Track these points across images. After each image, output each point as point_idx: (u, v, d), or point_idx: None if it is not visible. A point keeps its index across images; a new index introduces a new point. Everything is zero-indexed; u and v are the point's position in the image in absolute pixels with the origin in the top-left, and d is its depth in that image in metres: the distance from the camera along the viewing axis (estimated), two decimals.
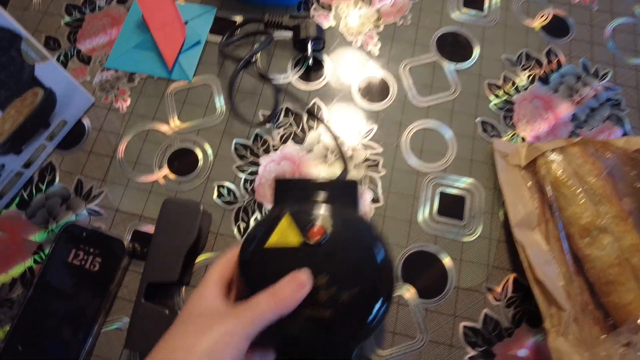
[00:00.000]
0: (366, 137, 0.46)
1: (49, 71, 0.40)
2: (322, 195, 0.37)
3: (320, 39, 0.48)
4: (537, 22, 0.52)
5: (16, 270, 0.42)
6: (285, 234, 0.32)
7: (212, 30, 0.51)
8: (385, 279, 0.32)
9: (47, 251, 0.42)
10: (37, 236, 0.43)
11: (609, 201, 0.40)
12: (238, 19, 0.52)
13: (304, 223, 0.32)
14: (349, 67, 0.50)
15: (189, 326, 0.27)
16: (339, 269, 0.31)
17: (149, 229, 0.43)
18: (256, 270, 0.31)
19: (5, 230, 0.43)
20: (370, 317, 0.31)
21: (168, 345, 0.26)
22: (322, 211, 0.33)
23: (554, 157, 0.42)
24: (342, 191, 0.38)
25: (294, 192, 0.38)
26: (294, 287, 0.29)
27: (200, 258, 0.42)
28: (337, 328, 0.31)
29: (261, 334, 0.29)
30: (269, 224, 0.33)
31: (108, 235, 0.41)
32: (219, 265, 0.31)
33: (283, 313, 0.28)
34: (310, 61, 0.48)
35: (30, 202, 0.44)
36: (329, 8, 0.53)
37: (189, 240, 0.39)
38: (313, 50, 0.48)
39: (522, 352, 0.39)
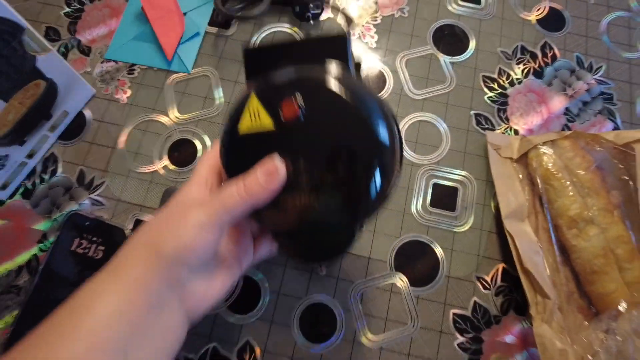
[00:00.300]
0: None
1: (51, 62, 0.41)
2: (303, 60, 0.30)
3: (320, 1, 0.48)
4: (534, 15, 0.52)
5: (22, 258, 0.43)
6: (255, 117, 0.27)
7: (211, 22, 0.51)
8: (380, 155, 0.26)
9: (51, 239, 0.43)
10: (41, 225, 0.44)
11: (596, 194, 0.41)
12: None
13: (275, 99, 0.27)
14: None
15: (166, 213, 0.27)
16: (321, 148, 0.26)
17: (150, 218, 0.44)
18: (234, 160, 0.28)
19: (11, 219, 0.44)
20: (372, 194, 0.26)
21: (143, 231, 0.27)
22: (294, 79, 0.27)
23: (545, 150, 0.43)
24: (330, 51, 0.31)
25: (269, 62, 0.31)
26: (264, 176, 0.26)
27: None
28: (328, 211, 0.27)
29: (258, 224, 0.28)
30: (238, 107, 0.28)
31: (110, 224, 0.42)
32: (207, 157, 0.30)
33: (256, 204, 0.26)
34: (311, 21, 0.48)
35: (33, 192, 0.45)
36: (327, 0, 0.53)
37: None
38: (312, 15, 0.48)
39: (509, 338, 0.41)
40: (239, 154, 0.28)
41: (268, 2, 0.48)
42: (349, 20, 0.43)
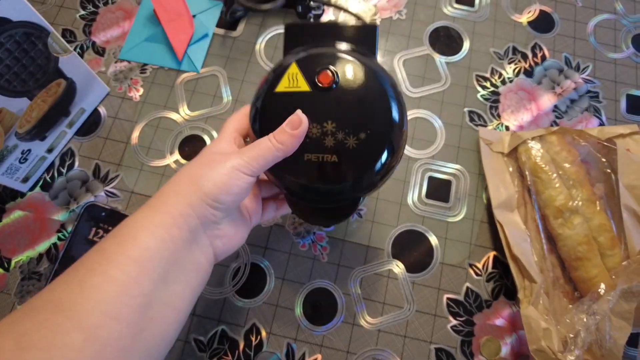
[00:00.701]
0: None
1: (71, 63, 0.44)
2: (336, 40, 0.35)
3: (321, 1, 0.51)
4: (525, 18, 0.55)
5: (42, 247, 0.46)
6: (294, 80, 0.32)
7: (219, 24, 0.54)
8: (395, 128, 0.31)
9: (69, 229, 0.46)
10: (60, 216, 0.47)
11: (581, 185, 0.44)
12: None
13: (313, 68, 0.32)
14: None
15: (202, 159, 0.30)
16: (346, 115, 0.31)
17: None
18: (265, 115, 0.32)
19: (32, 210, 0.47)
20: (377, 166, 0.31)
21: (183, 172, 0.30)
22: (333, 56, 0.32)
23: (534, 144, 0.46)
24: (359, 36, 0.35)
25: (306, 38, 0.35)
26: (290, 125, 0.30)
27: None
28: (343, 173, 0.31)
29: (274, 178, 0.33)
30: (278, 72, 0.32)
31: (125, 214, 0.45)
32: (233, 119, 0.34)
33: (285, 151, 0.30)
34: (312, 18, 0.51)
35: (52, 185, 0.48)
36: (328, 3, 0.56)
37: None
38: (314, 15, 0.51)
39: (499, 321, 0.43)
40: (272, 110, 0.32)
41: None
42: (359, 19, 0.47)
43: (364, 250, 0.45)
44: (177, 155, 0.49)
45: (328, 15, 0.55)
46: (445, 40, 0.54)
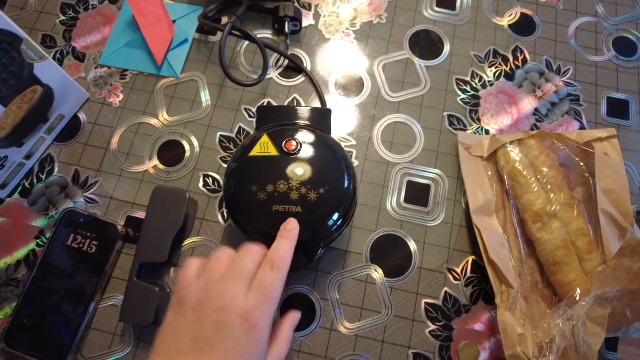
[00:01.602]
0: (341, 130, 0.50)
1: (47, 69, 0.44)
2: (299, 119, 0.44)
3: (298, 20, 0.52)
4: (505, 20, 0.55)
5: (20, 253, 0.46)
6: (264, 147, 0.39)
7: (198, 29, 0.54)
8: (346, 189, 0.39)
9: (48, 235, 0.46)
10: (38, 222, 0.47)
11: (559, 189, 0.44)
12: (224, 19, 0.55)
13: (281, 138, 0.40)
14: (326, 63, 0.53)
15: None
16: (308, 174, 0.38)
17: (141, 214, 0.47)
18: (242, 173, 0.39)
19: (10, 216, 0.47)
20: (335, 216, 0.38)
21: None
22: (296, 129, 0.41)
23: (512, 148, 0.46)
24: (317, 117, 0.44)
25: (273, 117, 0.44)
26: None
27: (188, 241, 0.46)
28: (305, 223, 0.37)
29: (240, 228, 0.39)
30: (252, 141, 0.40)
31: (103, 220, 0.45)
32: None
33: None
34: (288, 40, 0.53)
35: (31, 191, 0.48)
36: (309, 7, 0.56)
37: (177, 224, 0.43)
38: (290, 31, 0.52)
39: (478, 326, 0.43)
40: (248, 168, 0.39)
41: (244, 8, 0.51)
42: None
43: (342, 255, 0.45)
44: (155, 161, 0.49)
45: (304, 31, 0.55)
46: (425, 43, 0.54)
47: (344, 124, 0.50)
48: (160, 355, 0.31)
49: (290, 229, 0.36)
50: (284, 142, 0.39)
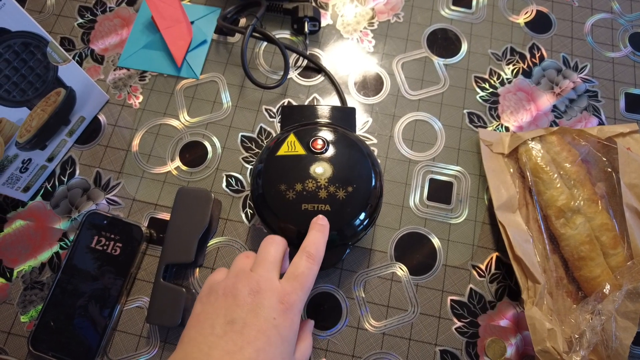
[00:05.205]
0: (362, 129, 0.50)
1: (70, 72, 0.44)
2: (323, 119, 0.44)
3: (317, 20, 0.52)
4: (522, 18, 0.55)
5: (44, 256, 0.45)
6: (292, 146, 0.40)
7: (217, 30, 0.54)
8: (373, 187, 0.39)
9: (71, 238, 0.46)
10: (61, 224, 0.47)
11: (582, 185, 0.44)
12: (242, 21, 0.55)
13: (308, 137, 0.40)
14: (345, 63, 0.53)
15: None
16: (336, 172, 0.38)
17: (164, 216, 0.47)
18: (270, 172, 0.39)
19: (33, 219, 0.47)
20: (363, 214, 0.38)
21: None
22: (322, 128, 0.41)
23: (534, 145, 0.46)
24: (342, 115, 0.44)
25: (298, 117, 0.44)
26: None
27: (212, 242, 0.46)
28: (334, 222, 0.37)
29: (270, 229, 0.39)
30: (279, 140, 0.40)
31: (127, 222, 0.45)
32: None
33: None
34: (307, 40, 0.53)
35: (53, 193, 0.48)
36: (326, 7, 0.56)
37: (202, 225, 0.43)
38: (310, 31, 0.52)
39: (504, 322, 0.43)
40: (276, 168, 0.39)
41: (263, 10, 0.52)
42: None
43: (367, 254, 0.45)
44: (178, 162, 0.49)
45: (322, 31, 0.55)
46: (443, 42, 0.54)
47: (364, 122, 0.50)
48: (193, 342, 0.29)
49: (323, 224, 0.36)
50: (311, 141, 0.39)
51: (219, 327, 0.29)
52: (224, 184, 0.48)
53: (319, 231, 0.36)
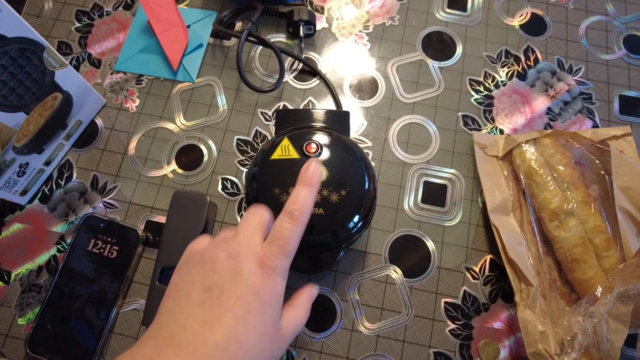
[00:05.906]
0: (357, 132, 0.50)
1: (67, 76, 0.44)
2: (317, 122, 0.44)
3: (312, 24, 0.53)
4: (517, 21, 0.56)
5: (42, 259, 0.46)
6: (286, 150, 0.40)
7: (213, 34, 0.55)
8: (367, 191, 0.39)
9: (68, 241, 0.46)
10: (58, 227, 0.47)
11: (575, 187, 0.44)
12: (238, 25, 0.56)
13: (302, 141, 0.40)
14: (340, 66, 0.53)
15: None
16: (329, 176, 0.38)
17: (160, 219, 0.47)
18: (264, 176, 0.39)
19: (31, 222, 0.47)
20: (356, 218, 0.38)
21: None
22: (316, 132, 0.41)
23: (528, 147, 0.46)
24: (336, 119, 0.44)
25: (292, 120, 0.44)
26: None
27: None
28: (328, 225, 0.37)
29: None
30: (273, 144, 0.40)
31: (124, 225, 0.45)
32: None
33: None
34: (303, 44, 0.53)
35: (51, 197, 0.48)
36: (321, 10, 0.56)
37: (198, 228, 0.44)
38: (305, 35, 0.52)
39: (498, 324, 0.44)
40: (269, 172, 0.39)
41: (259, 14, 0.52)
42: None
43: (362, 256, 0.46)
44: (174, 165, 0.49)
45: (317, 34, 0.55)
46: (438, 45, 0.54)
47: (360, 125, 0.51)
48: (169, 312, 0.28)
49: (311, 175, 0.32)
50: (304, 145, 0.40)
51: (195, 295, 0.27)
52: (220, 187, 0.48)
53: (305, 185, 0.32)
